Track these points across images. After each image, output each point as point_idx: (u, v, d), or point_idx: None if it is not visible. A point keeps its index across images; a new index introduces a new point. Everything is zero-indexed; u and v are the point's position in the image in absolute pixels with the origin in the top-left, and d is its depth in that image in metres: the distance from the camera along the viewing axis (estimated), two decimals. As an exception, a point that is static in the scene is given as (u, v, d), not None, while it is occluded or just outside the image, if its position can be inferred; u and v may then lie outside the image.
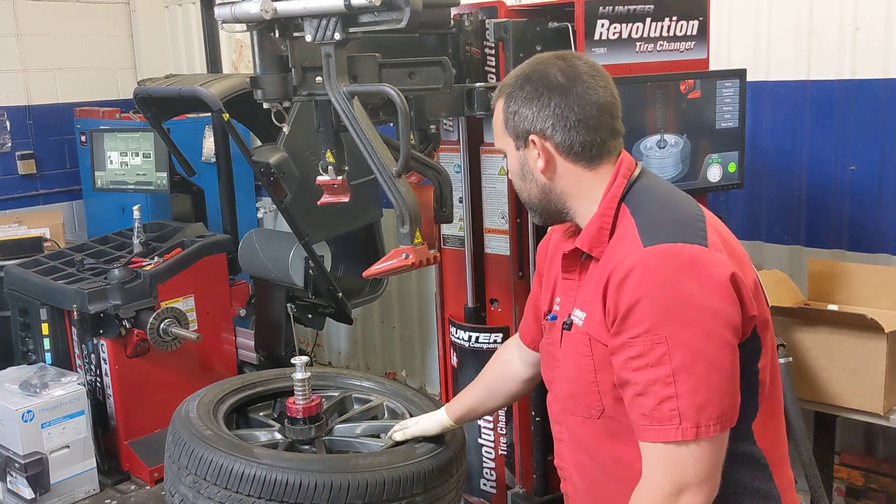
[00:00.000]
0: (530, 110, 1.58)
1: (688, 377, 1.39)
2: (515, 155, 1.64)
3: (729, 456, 1.45)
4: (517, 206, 2.72)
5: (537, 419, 2.82)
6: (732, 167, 2.85)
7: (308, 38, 2.01)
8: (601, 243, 1.56)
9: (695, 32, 2.72)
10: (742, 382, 1.45)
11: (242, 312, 4.37)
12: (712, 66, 2.89)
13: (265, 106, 2.16)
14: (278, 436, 2.32)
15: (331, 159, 2.19)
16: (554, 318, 1.70)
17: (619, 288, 1.44)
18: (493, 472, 2.91)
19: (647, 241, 1.46)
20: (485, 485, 2.94)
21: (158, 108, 3.99)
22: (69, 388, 3.75)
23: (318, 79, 2.08)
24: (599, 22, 2.48)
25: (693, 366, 1.39)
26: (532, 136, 1.59)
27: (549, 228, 1.83)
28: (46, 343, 4.00)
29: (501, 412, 2.84)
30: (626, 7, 2.57)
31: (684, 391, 1.39)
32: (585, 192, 1.60)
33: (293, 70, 2.10)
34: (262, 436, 2.34)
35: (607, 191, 1.58)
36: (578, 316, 1.60)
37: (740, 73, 2.80)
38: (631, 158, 1.64)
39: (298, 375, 2.26)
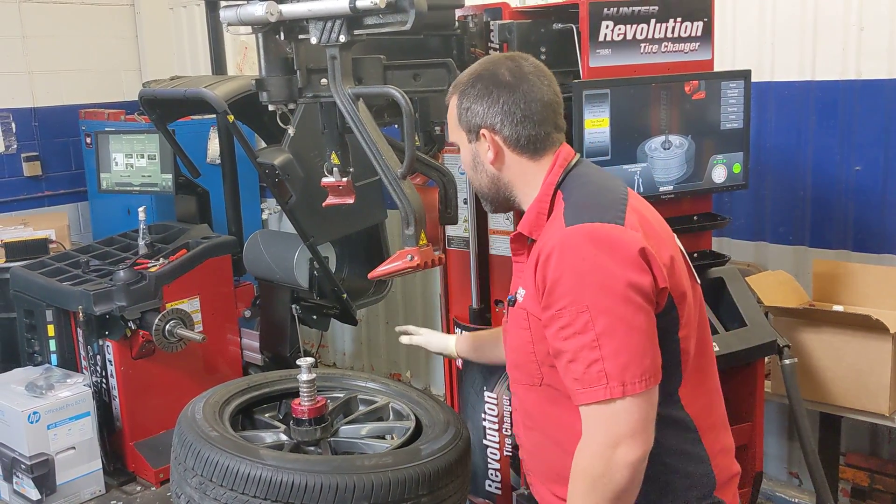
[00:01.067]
0: (481, 106, 1.72)
1: (610, 340, 1.52)
2: (468, 147, 1.79)
3: (658, 420, 1.57)
4: (522, 208, 2.72)
5: (542, 420, 2.82)
6: (737, 168, 2.85)
7: (313, 41, 2.02)
8: (539, 226, 1.72)
9: (699, 33, 2.72)
10: (663, 350, 1.58)
11: (247, 313, 4.38)
12: (717, 67, 2.89)
13: (270, 108, 2.16)
14: (284, 437, 2.33)
15: (336, 161, 2.20)
16: (512, 300, 1.82)
17: (545, 265, 1.59)
18: (498, 473, 2.91)
19: (570, 221, 1.61)
20: (490, 486, 2.94)
21: (163, 109, 4.00)
22: (75, 389, 3.76)
23: (324, 81, 2.09)
24: (604, 23, 2.48)
25: (614, 330, 1.52)
26: (483, 130, 1.73)
27: None
28: (52, 344, 4.01)
29: (506, 412, 2.84)
30: (630, 8, 2.57)
31: (608, 353, 1.51)
32: (529, 180, 1.75)
33: (298, 72, 2.11)
34: (268, 437, 2.34)
35: (545, 178, 1.74)
36: (520, 293, 1.74)
37: (745, 74, 2.80)
38: (570, 149, 1.78)
39: (304, 377, 2.27)
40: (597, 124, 2.47)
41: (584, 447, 1.56)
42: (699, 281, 1.79)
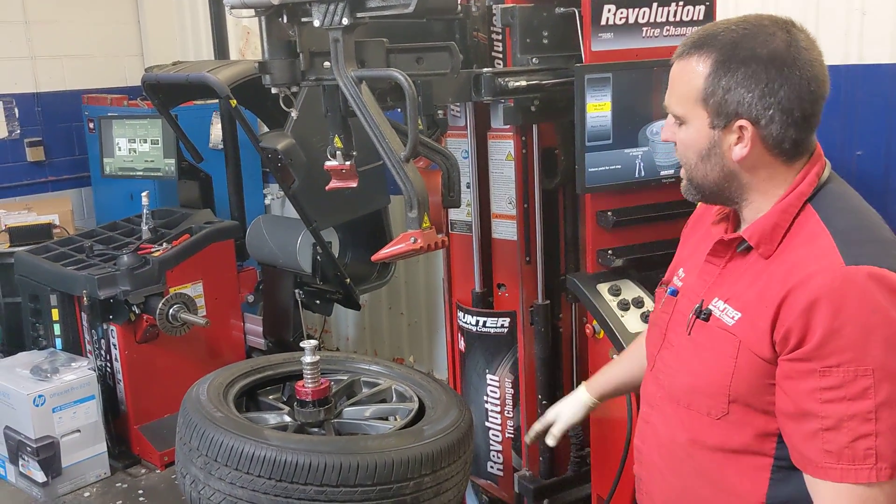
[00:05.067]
0: (750, 93, 1.38)
1: (891, 414, 1.27)
2: (706, 132, 1.44)
3: None
4: (524, 192, 2.73)
5: (544, 402, 2.84)
6: (739, 152, 2.85)
7: (316, 24, 2.02)
8: (773, 241, 1.42)
9: (701, 17, 2.72)
10: None
11: (250, 298, 4.40)
12: (719, 52, 2.88)
13: (273, 91, 2.17)
14: (287, 418, 2.35)
15: (339, 144, 2.20)
16: (674, 292, 1.62)
17: (814, 308, 1.29)
18: (500, 455, 2.94)
19: (850, 258, 1.31)
20: (492, 467, 2.97)
21: (166, 94, 4.01)
22: (80, 373, 3.79)
23: (326, 64, 2.09)
24: (606, 7, 2.48)
25: None
26: (742, 122, 1.40)
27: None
28: (57, 329, 4.04)
29: (508, 395, 2.86)
30: (632, -8, 2.57)
31: (885, 429, 1.27)
32: (773, 186, 1.44)
33: (301, 55, 2.11)
34: (272, 418, 2.36)
35: (793, 187, 1.43)
36: (721, 308, 1.46)
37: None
38: (821, 154, 1.48)
39: (307, 359, 2.28)
40: (598, 108, 2.48)
41: None
42: None
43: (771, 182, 1.45)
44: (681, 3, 2.65)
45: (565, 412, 1.99)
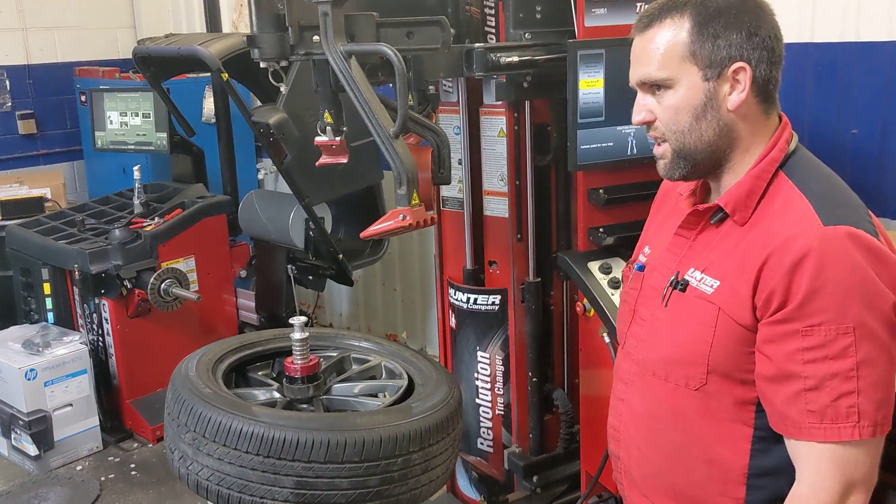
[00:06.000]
0: (737, 34, 1.39)
1: (871, 371, 1.28)
2: (701, 86, 1.41)
3: None
4: (516, 168, 2.72)
5: (534, 380, 2.85)
6: (733, 130, 2.83)
7: (305, -4, 2.00)
8: (748, 208, 1.43)
9: (697, -7, 2.69)
10: None
11: (243, 274, 4.40)
12: (714, 28, 2.86)
13: (262, 65, 2.15)
14: (276, 395, 2.34)
15: (329, 120, 2.18)
16: (641, 268, 1.62)
17: (796, 269, 1.30)
18: (490, 432, 2.95)
19: (827, 219, 1.32)
20: (482, 444, 2.97)
21: (158, 67, 3.98)
22: (71, 347, 3.79)
23: (316, 38, 2.06)
24: (600, -18, 2.46)
25: (876, 360, 1.29)
26: (738, 65, 1.39)
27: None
28: (49, 303, 4.04)
29: (499, 372, 2.86)
30: (627, -33, 2.54)
31: (866, 386, 1.28)
32: (752, 142, 1.45)
33: (290, 29, 2.08)
34: (261, 394, 2.36)
35: (766, 152, 1.44)
36: (698, 278, 1.46)
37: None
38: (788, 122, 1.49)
39: (297, 335, 2.28)
40: (591, 84, 2.46)
41: (808, 495, 1.33)
42: None
43: (752, 137, 1.45)
44: (676, -21, 2.62)
45: None
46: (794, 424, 1.33)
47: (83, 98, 5.19)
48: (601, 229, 2.56)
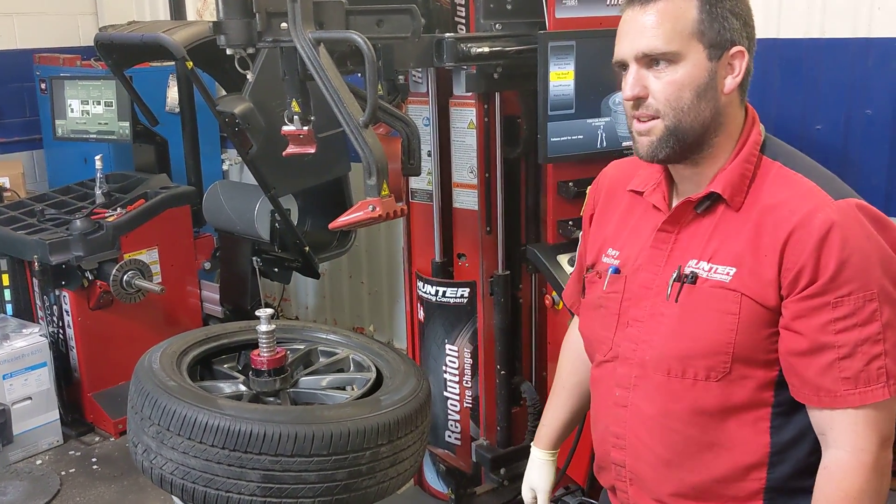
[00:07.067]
0: (737, 20, 1.42)
1: (894, 333, 1.35)
2: (706, 65, 1.41)
3: None
4: (486, 161, 2.70)
5: (503, 372, 2.84)
6: (701, 124, 2.84)
7: (273, -17, 1.96)
8: (741, 191, 1.44)
9: (666, -13, 2.70)
10: None
11: (207, 265, 4.35)
12: (683, 22, 2.87)
13: (228, 52, 2.11)
14: (242, 387, 2.31)
15: (296, 109, 2.15)
16: (616, 270, 1.58)
17: (822, 244, 1.34)
18: (458, 425, 2.94)
19: (834, 194, 1.38)
20: (449, 436, 2.97)
21: (120, 55, 3.91)
22: (31, 339, 3.72)
23: (284, 25, 2.03)
24: (571, -26, 2.45)
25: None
26: (737, 49, 1.42)
27: (599, 178, 1.72)
28: (7, 294, 3.97)
29: (467, 365, 2.86)
30: (598, -41, 2.54)
31: (891, 347, 1.35)
32: (734, 129, 1.48)
33: (258, 15, 2.05)
34: (227, 387, 2.33)
35: (745, 137, 1.47)
36: (706, 269, 1.45)
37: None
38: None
39: (263, 328, 2.25)
40: (562, 77, 2.45)
41: (851, 459, 1.37)
42: None
43: (734, 124, 1.48)
44: (646, -28, 2.62)
45: (538, 482, 1.87)
46: (828, 394, 1.37)
47: (43, 86, 5.08)
48: (570, 222, 2.56)
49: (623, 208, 1.63)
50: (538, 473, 1.88)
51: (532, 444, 1.89)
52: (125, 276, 3.80)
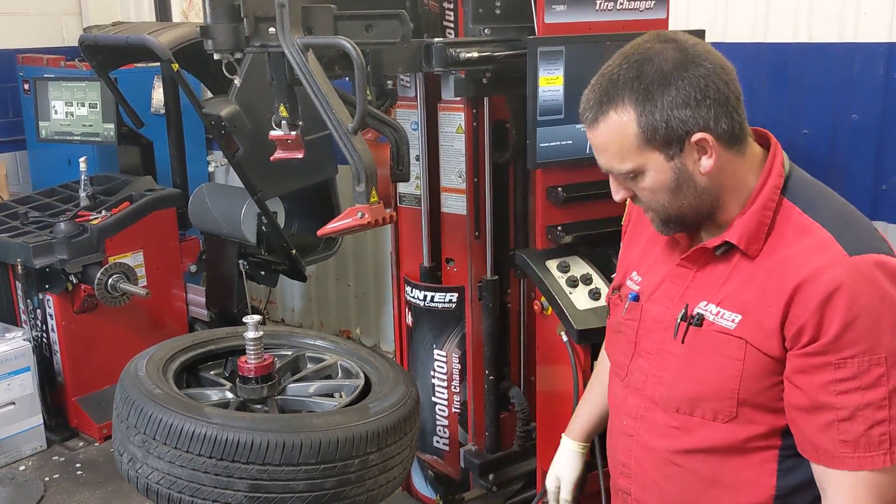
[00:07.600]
0: (687, 106, 1.34)
1: None
2: (667, 167, 1.39)
3: None
4: (474, 166, 2.69)
5: (491, 378, 2.83)
6: (689, 129, 2.85)
7: (261, -13, 1.94)
8: (759, 240, 1.40)
9: (655, -8, 2.70)
10: None
11: (193, 269, 4.32)
12: (671, 27, 2.87)
13: (216, 57, 2.09)
14: (230, 395, 2.29)
15: (284, 114, 2.13)
16: (636, 297, 1.59)
17: (827, 304, 1.29)
18: (446, 430, 2.93)
19: (851, 248, 1.32)
20: (438, 442, 2.95)
21: (105, 56, 3.88)
22: (14, 343, 3.68)
23: (272, 30, 2.01)
24: (560, -22, 2.44)
25: None
26: (697, 136, 1.36)
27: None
28: (-11, 298, 3.91)
29: (455, 370, 2.85)
30: (586, -36, 2.53)
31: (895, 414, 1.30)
32: (740, 182, 1.42)
33: (245, 20, 2.03)
34: (214, 395, 2.31)
35: (763, 180, 1.42)
36: (714, 312, 1.44)
37: (698, 34, 2.78)
38: (768, 136, 1.48)
39: (250, 334, 2.23)
40: (551, 82, 2.44)
41: None
42: None
43: (737, 179, 1.43)
44: (635, -23, 2.63)
45: (564, 472, 1.89)
46: (826, 454, 1.34)
47: (26, 86, 5.03)
48: (559, 227, 2.55)
49: (652, 231, 1.61)
50: (565, 463, 1.89)
51: (563, 434, 1.92)
52: (110, 280, 3.77)
